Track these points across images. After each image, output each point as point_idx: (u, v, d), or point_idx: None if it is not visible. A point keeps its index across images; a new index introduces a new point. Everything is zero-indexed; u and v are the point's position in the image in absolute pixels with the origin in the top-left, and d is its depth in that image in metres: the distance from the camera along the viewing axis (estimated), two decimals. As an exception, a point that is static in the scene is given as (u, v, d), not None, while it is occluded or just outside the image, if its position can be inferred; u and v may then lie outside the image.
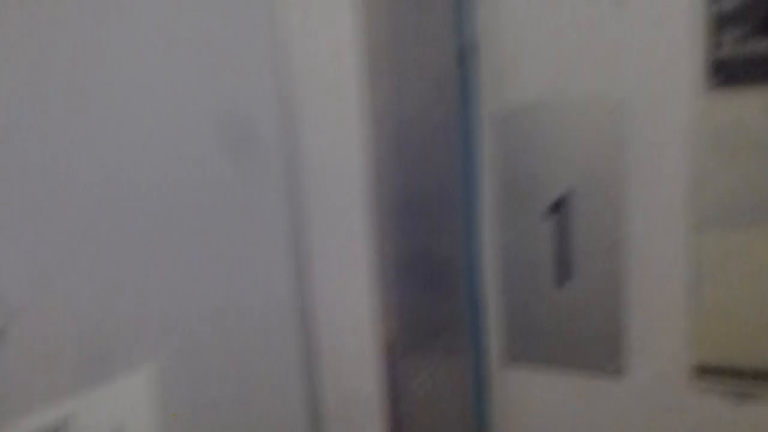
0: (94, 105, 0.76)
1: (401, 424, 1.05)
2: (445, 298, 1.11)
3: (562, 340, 1.08)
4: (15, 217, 0.66)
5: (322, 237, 1.06)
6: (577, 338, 1.07)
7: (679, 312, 0.98)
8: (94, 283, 0.75)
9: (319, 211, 1.03)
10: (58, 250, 0.71)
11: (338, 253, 1.03)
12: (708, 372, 0.98)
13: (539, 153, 1.05)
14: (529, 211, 1.08)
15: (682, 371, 0.99)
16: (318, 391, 1.11)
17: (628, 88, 0.98)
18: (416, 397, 1.09)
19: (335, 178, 1.02)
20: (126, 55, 0.81)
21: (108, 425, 0.77)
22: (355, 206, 0.99)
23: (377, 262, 1.03)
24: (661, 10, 0.94)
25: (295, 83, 1.06)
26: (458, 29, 1.07)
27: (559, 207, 1.05)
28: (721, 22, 0.91)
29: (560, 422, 1.11)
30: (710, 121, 0.93)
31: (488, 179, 1.11)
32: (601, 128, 1.00)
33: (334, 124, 1.03)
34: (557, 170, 1.04)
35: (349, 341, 1.04)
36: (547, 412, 1.12)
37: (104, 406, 0.76)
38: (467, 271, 1.14)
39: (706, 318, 0.97)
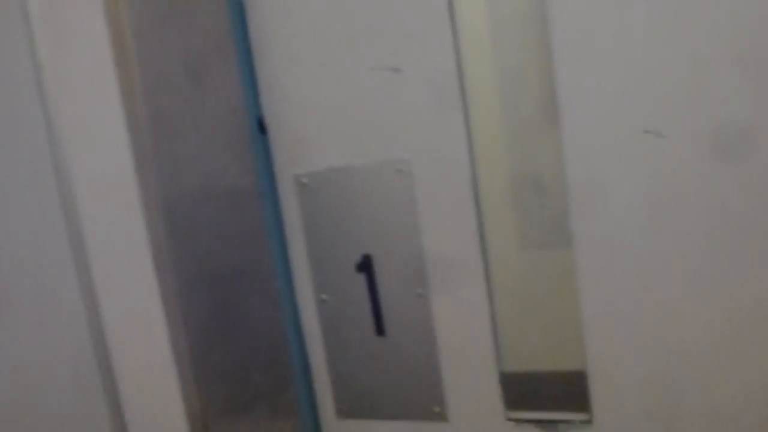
0: None
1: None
2: (268, 361, 1.11)
3: (387, 392, 1.11)
4: None
5: (118, 319, 1.02)
6: (400, 388, 1.10)
7: (486, 354, 1.03)
8: None
9: (111, 294, 0.99)
10: None
11: (139, 336, 1.00)
12: (519, 406, 1.04)
13: (342, 216, 1.08)
14: (340, 269, 1.10)
15: (497, 409, 1.04)
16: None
17: (414, 150, 1.02)
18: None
19: (123, 260, 0.99)
20: None
21: None
22: (147, 286, 0.96)
23: (180, 336, 1.01)
24: (432, 73, 0.99)
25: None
26: (250, 105, 1.08)
27: (365, 265, 1.08)
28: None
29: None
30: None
31: (299, 242, 1.12)
32: (393, 189, 1.04)
33: (114, 207, 0.99)
34: (359, 231, 1.07)
35: (158, 415, 1.01)
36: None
37: None
38: (291, 332, 1.14)
39: (509, 353, 1.03)
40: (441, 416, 1.08)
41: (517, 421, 1.04)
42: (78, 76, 0.89)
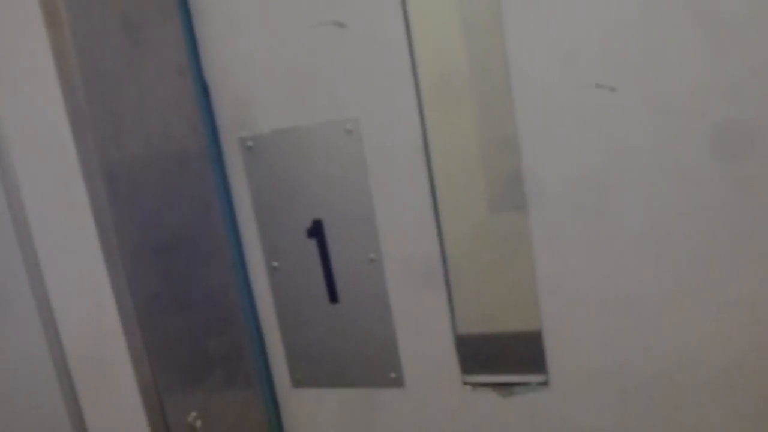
0: None
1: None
2: (221, 330, 1.08)
3: (342, 359, 1.09)
4: None
5: (64, 290, 0.97)
6: (355, 355, 1.08)
7: (441, 318, 1.01)
8: None
9: (55, 265, 0.95)
10: None
11: (86, 308, 0.96)
12: (475, 370, 1.02)
13: (290, 180, 1.04)
14: (291, 235, 1.06)
15: (453, 373, 1.03)
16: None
17: (362, 108, 0.98)
18: (207, 428, 1.04)
19: (65, 229, 0.94)
20: None
21: None
22: (92, 255, 0.92)
23: (128, 306, 0.97)
24: (379, 27, 0.94)
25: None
26: (193, 65, 1.03)
27: (315, 230, 1.04)
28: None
29: (350, 427, 1.12)
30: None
31: (247, 207, 1.08)
32: (342, 150, 1.00)
33: (53, 174, 0.94)
34: (309, 195, 1.03)
35: (108, 386, 0.98)
36: (336, 426, 1.12)
37: None
38: (243, 300, 1.11)
39: (464, 318, 1.01)
40: (397, 382, 1.06)
41: (474, 384, 1.02)
42: (6, 39, 0.84)
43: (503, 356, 1.02)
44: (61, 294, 0.94)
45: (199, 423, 1.00)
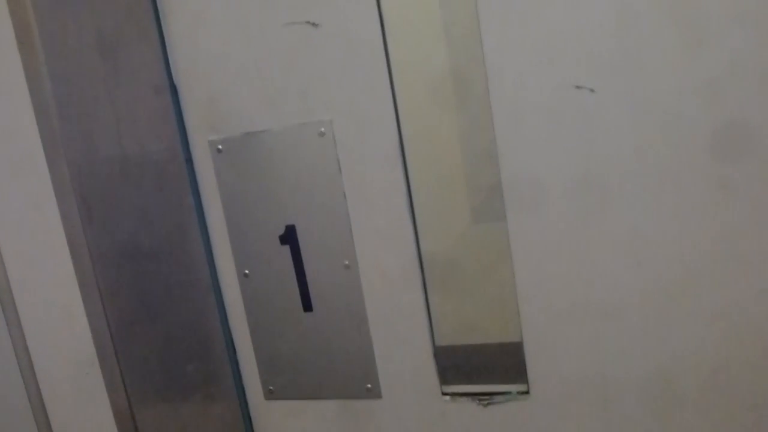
0: None
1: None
2: (194, 344, 1.03)
3: (316, 370, 1.05)
4: None
5: (34, 308, 0.93)
6: (330, 366, 1.05)
7: (419, 327, 0.98)
8: None
9: (26, 285, 0.91)
10: None
11: (57, 326, 0.92)
12: (454, 380, 0.99)
13: (262, 184, 1.01)
14: (263, 242, 1.03)
15: (431, 383, 0.99)
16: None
17: (336, 110, 0.95)
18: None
19: (36, 244, 0.90)
20: None
21: None
22: (64, 272, 0.88)
23: (100, 325, 0.93)
24: (353, 27, 0.91)
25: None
26: (166, 69, 1.00)
27: (288, 236, 1.01)
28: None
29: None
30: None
31: (218, 213, 1.04)
32: (315, 154, 0.97)
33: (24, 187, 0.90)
34: (281, 200, 1.00)
35: (82, 412, 0.93)
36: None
37: None
38: (214, 310, 1.07)
39: (442, 322, 0.98)
40: (374, 393, 1.03)
41: (453, 395, 0.99)
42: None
43: (483, 366, 0.98)
44: (32, 316, 0.91)
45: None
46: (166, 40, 1.00)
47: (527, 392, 0.96)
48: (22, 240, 0.88)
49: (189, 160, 1.03)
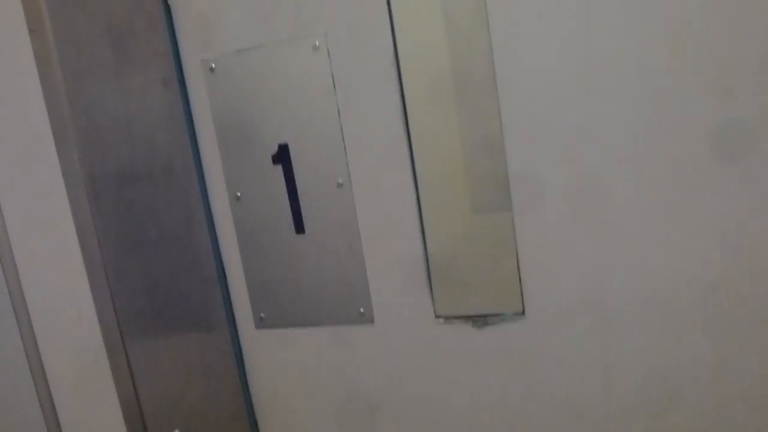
0: None
1: (145, 399, 0.94)
2: (186, 270, 1.01)
3: (308, 296, 1.03)
4: None
5: (43, 298, 0.92)
6: (322, 291, 1.03)
7: (413, 247, 0.96)
8: None
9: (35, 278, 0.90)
10: None
11: (66, 317, 0.90)
12: (448, 302, 0.97)
13: (255, 102, 0.99)
14: (256, 162, 1.01)
15: (425, 307, 0.98)
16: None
17: (330, 22, 0.94)
18: (170, 374, 0.98)
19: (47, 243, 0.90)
20: None
21: None
22: (75, 265, 0.87)
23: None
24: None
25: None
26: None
27: (281, 156, 0.99)
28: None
29: (317, 371, 1.06)
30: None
31: (210, 134, 1.03)
32: (309, 68, 0.96)
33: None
34: (275, 119, 0.99)
35: (89, 402, 0.92)
36: (302, 368, 1.06)
37: None
38: (206, 235, 1.05)
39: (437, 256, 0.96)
40: (366, 318, 1.01)
41: (447, 318, 0.97)
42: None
43: (478, 287, 0.96)
44: (41, 307, 0.91)
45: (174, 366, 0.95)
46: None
47: (522, 313, 0.94)
48: (31, 228, 0.88)
49: (181, 80, 1.01)
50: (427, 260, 0.96)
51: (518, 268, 0.92)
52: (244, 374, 1.10)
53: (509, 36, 0.86)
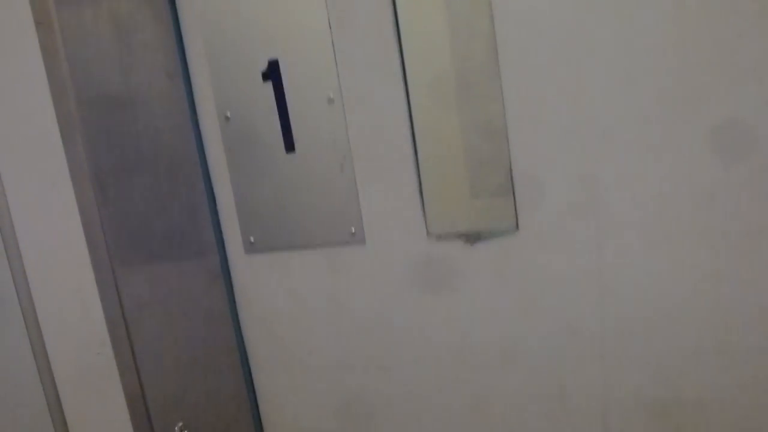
0: None
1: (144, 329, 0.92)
2: (174, 191, 1.00)
3: (298, 217, 1.02)
4: None
5: (49, 291, 0.91)
6: (313, 211, 1.01)
7: (406, 162, 0.94)
8: None
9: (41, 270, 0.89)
10: None
11: (72, 310, 0.89)
12: (440, 219, 0.96)
13: (244, 15, 0.98)
14: (245, 80, 1.00)
15: (417, 225, 0.96)
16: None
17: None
18: (158, 300, 0.96)
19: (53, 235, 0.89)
20: None
21: None
22: (81, 258, 0.86)
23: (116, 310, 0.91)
24: None
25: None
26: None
27: (271, 72, 0.98)
28: None
29: (308, 295, 1.04)
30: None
31: (198, 49, 1.01)
32: (299, -22, 0.94)
33: None
34: (264, 32, 0.97)
35: (94, 396, 0.90)
36: (292, 293, 1.04)
37: None
38: (195, 156, 1.03)
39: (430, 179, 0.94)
40: (358, 238, 0.99)
41: (439, 235, 0.95)
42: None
43: (470, 201, 0.95)
44: (46, 300, 0.90)
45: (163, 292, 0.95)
46: None
47: (516, 227, 0.92)
48: (37, 220, 0.87)
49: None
50: (419, 177, 0.94)
51: (512, 181, 0.90)
52: (234, 302, 1.08)
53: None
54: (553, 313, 0.92)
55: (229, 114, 1.01)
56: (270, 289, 1.05)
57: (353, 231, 0.99)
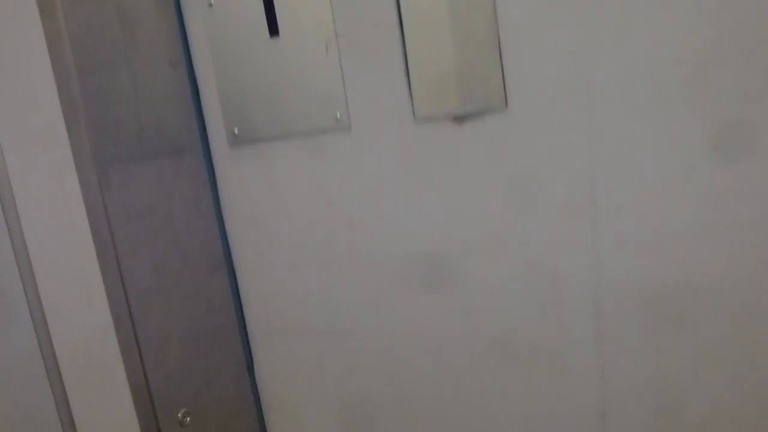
0: None
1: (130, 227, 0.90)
2: (158, 91, 0.98)
3: (283, 104, 0.99)
4: None
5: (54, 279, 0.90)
6: (297, 97, 0.98)
7: (391, 46, 0.92)
8: None
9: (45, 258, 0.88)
10: None
11: (76, 297, 0.88)
12: (428, 101, 0.93)
13: None
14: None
15: (403, 108, 0.93)
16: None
17: None
18: (144, 199, 0.94)
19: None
20: None
21: None
22: (85, 246, 0.85)
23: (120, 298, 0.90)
24: None
25: None
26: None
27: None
28: None
29: (293, 187, 1.01)
30: None
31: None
32: None
33: None
34: None
35: (98, 382, 0.90)
36: (278, 184, 1.02)
37: None
38: (183, 49, 1.01)
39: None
40: (343, 124, 0.96)
41: (426, 118, 0.92)
42: (1, 30, 0.83)
43: (459, 83, 0.92)
44: (51, 287, 0.91)
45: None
46: None
47: (505, 105, 0.89)
48: (41, 207, 0.87)
49: None
50: (405, 58, 0.91)
51: (501, 58, 0.88)
52: (218, 198, 1.05)
53: None
54: (544, 190, 0.89)
55: (212, 1, 0.99)
56: (255, 184, 1.03)
57: (338, 116, 0.96)
